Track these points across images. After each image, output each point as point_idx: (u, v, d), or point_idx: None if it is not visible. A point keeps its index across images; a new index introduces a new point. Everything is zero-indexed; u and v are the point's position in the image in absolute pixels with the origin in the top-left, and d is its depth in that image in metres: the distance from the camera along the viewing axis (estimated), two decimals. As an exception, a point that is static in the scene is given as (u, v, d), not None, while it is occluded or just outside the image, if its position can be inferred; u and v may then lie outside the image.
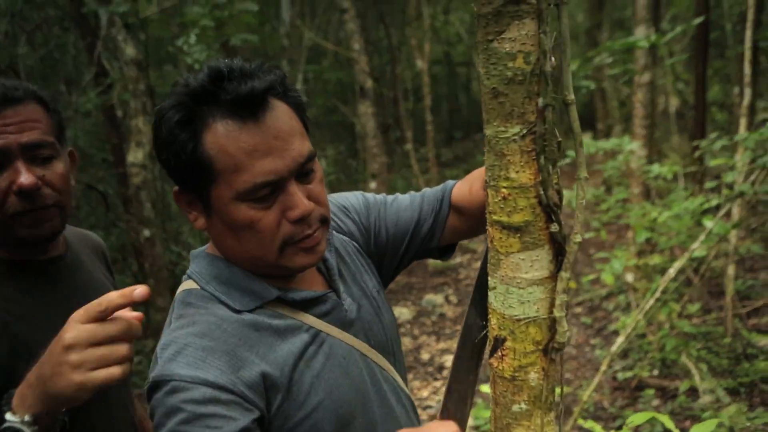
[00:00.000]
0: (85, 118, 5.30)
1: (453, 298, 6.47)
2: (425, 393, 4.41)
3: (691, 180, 5.38)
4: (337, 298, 1.10)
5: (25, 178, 1.16)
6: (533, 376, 0.76)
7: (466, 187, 1.23)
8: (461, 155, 15.23)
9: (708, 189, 4.10)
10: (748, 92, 4.36)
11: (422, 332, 5.62)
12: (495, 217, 0.73)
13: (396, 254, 1.26)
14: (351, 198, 1.29)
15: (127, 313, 0.88)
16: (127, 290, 0.85)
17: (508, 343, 0.76)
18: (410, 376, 4.71)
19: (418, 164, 10.38)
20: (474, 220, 1.22)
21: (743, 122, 4.24)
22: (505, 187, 0.70)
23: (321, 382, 1.00)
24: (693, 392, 3.49)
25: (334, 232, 1.20)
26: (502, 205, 0.71)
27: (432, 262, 7.23)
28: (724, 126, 7.90)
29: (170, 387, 0.88)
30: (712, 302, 4.40)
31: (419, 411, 4.09)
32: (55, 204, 1.23)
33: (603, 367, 3.07)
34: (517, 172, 0.70)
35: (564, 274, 0.73)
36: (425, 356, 5.06)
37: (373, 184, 7.86)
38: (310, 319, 1.04)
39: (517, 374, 0.76)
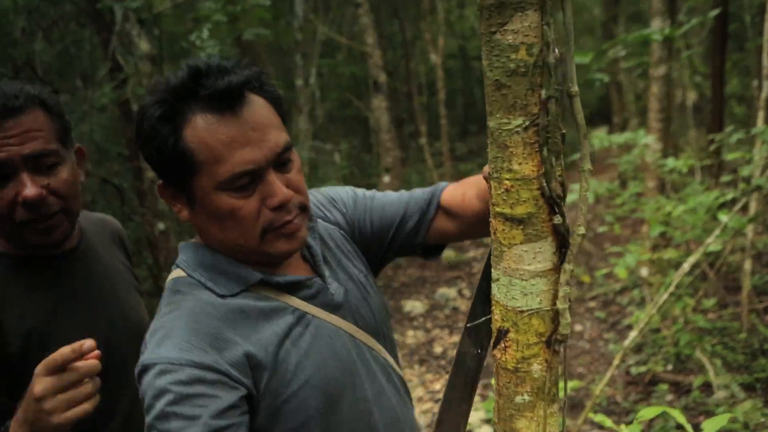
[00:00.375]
0: (100, 113, 5.35)
1: (466, 292, 6.47)
2: (437, 386, 4.42)
3: (707, 174, 5.33)
4: (322, 282, 1.13)
5: (29, 190, 1.17)
6: (536, 367, 0.76)
7: (459, 192, 1.28)
8: (476, 149, 15.17)
9: (724, 183, 4.06)
10: (766, 85, 4.30)
11: (435, 325, 5.63)
12: (498, 209, 0.73)
13: (381, 247, 1.30)
14: (340, 191, 1.34)
15: (81, 363, 1.00)
16: (76, 345, 0.99)
17: (511, 335, 0.76)
18: (423, 369, 4.72)
19: (432, 158, 10.37)
20: (464, 225, 1.28)
21: (761, 115, 4.18)
22: (507, 179, 0.70)
23: (308, 360, 1.04)
24: (707, 388, 3.46)
25: (320, 221, 1.25)
26: (504, 197, 0.71)
27: (446, 256, 7.23)
28: (743, 119, 7.80)
29: (158, 370, 0.93)
30: (728, 297, 4.36)
31: (431, 404, 4.10)
32: (62, 210, 1.24)
33: (616, 362, 3.06)
34: (519, 164, 0.70)
35: (567, 266, 0.73)
36: (438, 349, 5.07)
37: (386, 178, 7.86)
38: (296, 302, 1.09)
39: (520, 366, 0.76)
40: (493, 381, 0.80)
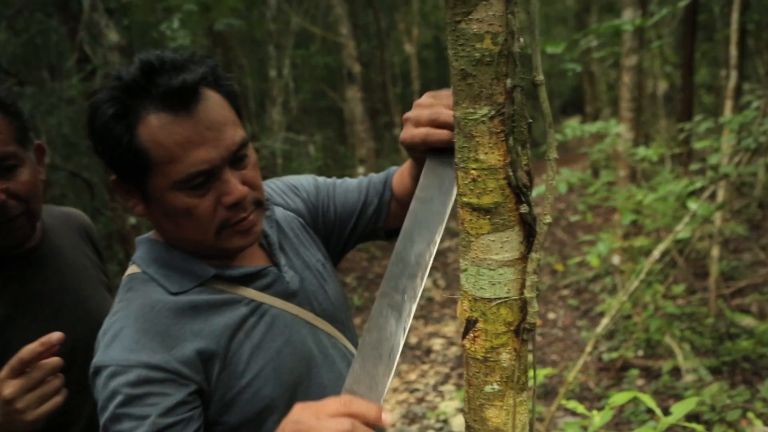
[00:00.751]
0: (68, 105, 5.24)
1: (441, 282, 6.50)
2: (413, 376, 4.44)
3: (677, 162, 5.41)
4: (277, 271, 1.13)
5: None
6: (505, 356, 0.76)
7: (398, 175, 1.29)
8: (450, 140, 15.16)
9: (693, 171, 4.13)
10: (734, 75, 4.38)
11: (411, 316, 5.65)
12: (465, 199, 0.73)
13: (343, 232, 1.31)
14: (302, 179, 1.34)
15: (46, 360, 1.03)
16: (44, 338, 1.01)
17: (480, 325, 0.76)
18: (398, 359, 4.73)
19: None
20: (406, 208, 1.28)
21: (729, 105, 4.26)
22: (474, 169, 0.70)
23: (261, 351, 1.04)
24: (676, 372, 3.53)
25: (280, 208, 1.26)
26: (471, 187, 0.71)
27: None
28: (712, 109, 7.93)
29: (109, 372, 0.93)
30: (696, 283, 4.45)
31: (407, 395, 4.12)
32: (23, 213, 1.21)
33: (588, 348, 3.10)
34: (485, 153, 0.69)
35: (534, 255, 0.73)
36: (413, 340, 5.09)
37: (361, 169, 7.84)
38: (250, 293, 1.08)
39: (489, 355, 0.77)
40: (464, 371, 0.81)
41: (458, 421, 3.55)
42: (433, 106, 1.01)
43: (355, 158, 8.42)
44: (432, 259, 0.91)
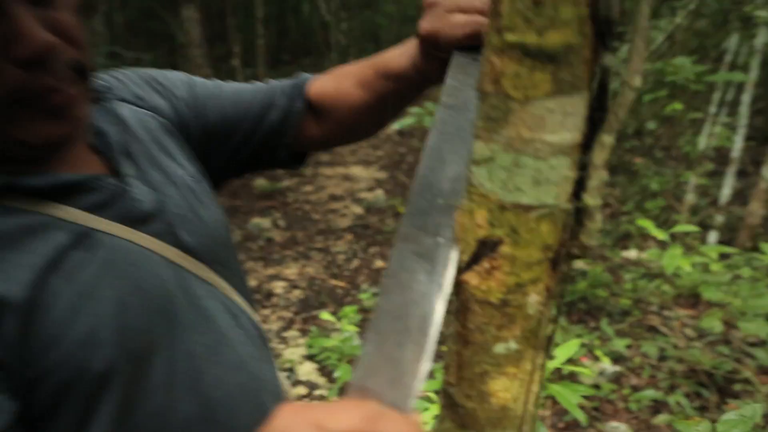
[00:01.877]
0: None
1: (281, 222, 6.17)
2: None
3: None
4: (118, 183, 0.76)
5: None
6: (534, 299, 0.49)
7: (330, 85, 0.99)
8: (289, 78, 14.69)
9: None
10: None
11: (249, 257, 5.27)
12: (512, 37, 0.43)
13: (228, 143, 0.98)
14: (164, 71, 0.98)
15: None
16: None
17: (504, 249, 0.48)
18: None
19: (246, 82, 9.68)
20: (336, 126, 1.00)
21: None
22: (540, -17, 0.41)
23: (91, 303, 0.67)
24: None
25: (129, 105, 0.88)
26: (529, 15, 0.42)
27: (258, 184, 6.83)
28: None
29: None
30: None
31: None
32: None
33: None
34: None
35: (607, 138, 0.46)
36: (252, 282, 4.73)
37: (196, 98, 7.16)
38: (72, 213, 0.70)
39: (510, 297, 0.49)
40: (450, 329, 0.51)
41: (304, 370, 3.31)
42: None
43: (190, 85, 7.68)
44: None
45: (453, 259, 0.51)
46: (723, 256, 3.78)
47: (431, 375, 2.13)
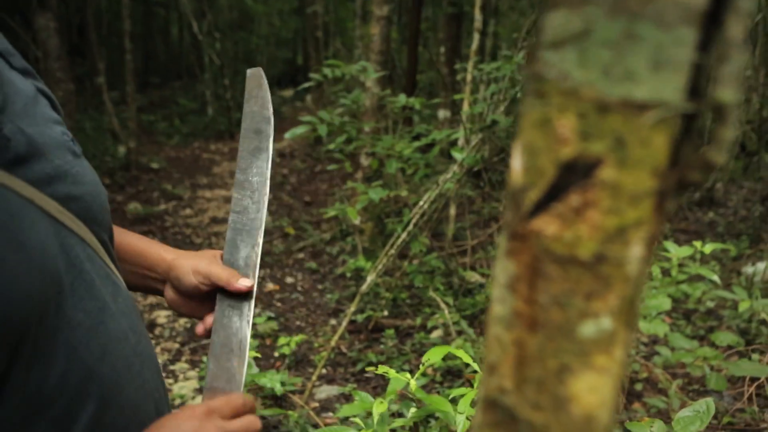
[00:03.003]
0: None
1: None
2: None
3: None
4: None
5: None
6: (636, 251, 0.33)
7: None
8: (158, 101, 14.07)
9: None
10: (476, 37, 4.51)
11: (125, 287, 4.81)
12: None
13: None
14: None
15: None
16: None
17: (606, 172, 0.31)
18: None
19: (111, 104, 9.02)
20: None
21: (470, 65, 4.37)
22: None
23: None
24: (425, 329, 3.48)
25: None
26: None
27: (132, 208, 6.33)
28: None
29: None
30: (434, 242, 4.52)
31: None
32: None
33: (352, 308, 2.82)
34: None
35: (743, 3, 0.31)
36: (131, 314, 4.30)
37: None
38: None
39: (608, 249, 0.33)
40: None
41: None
42: None
43: (49, 103, 7.00)
44: (259, 260, 0.93)
45: (252, 305, 0.89)
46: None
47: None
